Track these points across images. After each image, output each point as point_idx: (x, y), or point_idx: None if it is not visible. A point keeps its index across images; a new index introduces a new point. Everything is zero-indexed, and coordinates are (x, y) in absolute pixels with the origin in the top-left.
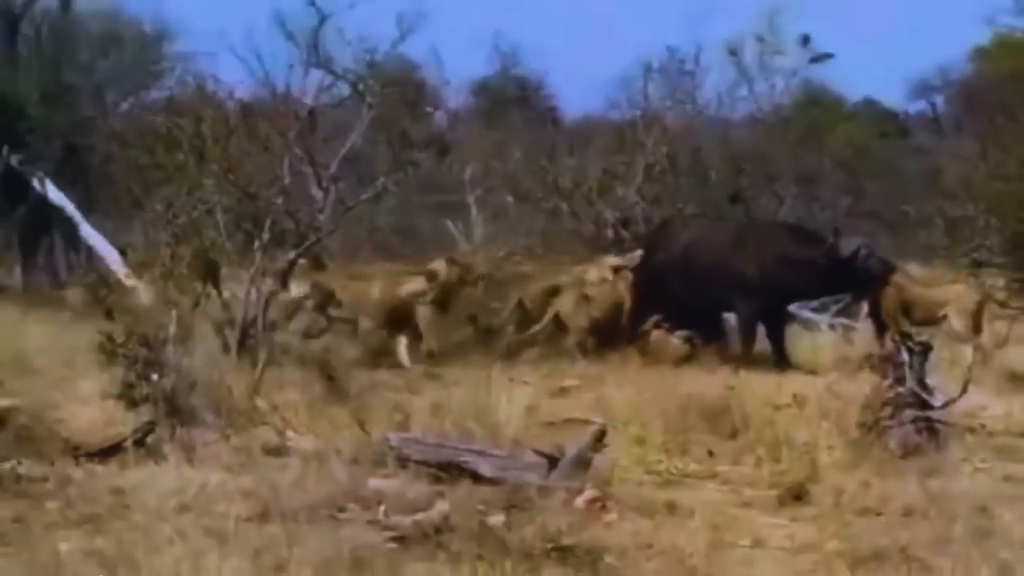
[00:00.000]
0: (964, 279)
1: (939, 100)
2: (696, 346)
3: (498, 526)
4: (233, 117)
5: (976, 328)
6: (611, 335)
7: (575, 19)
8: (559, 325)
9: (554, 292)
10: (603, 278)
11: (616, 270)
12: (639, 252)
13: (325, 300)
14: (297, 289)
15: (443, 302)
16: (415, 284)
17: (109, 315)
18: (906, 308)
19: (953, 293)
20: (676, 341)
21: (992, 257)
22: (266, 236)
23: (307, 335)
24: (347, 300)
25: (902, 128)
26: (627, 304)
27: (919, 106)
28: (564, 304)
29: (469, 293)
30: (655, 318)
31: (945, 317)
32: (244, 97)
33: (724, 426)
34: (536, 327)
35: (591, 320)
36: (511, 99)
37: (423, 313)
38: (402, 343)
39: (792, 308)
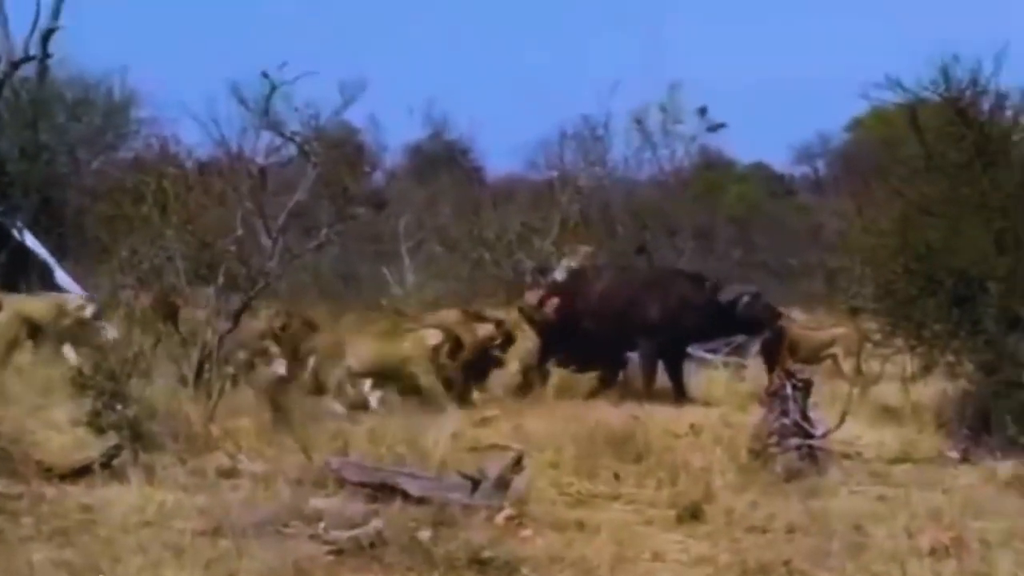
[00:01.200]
0: (845, 323)
1: (820, 164)
2: (607, 383)
3: (426, 541)
4: (192, 174)
5: (858, 367)
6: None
7: (498, 90)
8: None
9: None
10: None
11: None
12: (554, 298)
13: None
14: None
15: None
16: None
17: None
18: (792, 348)
19: (835, 335)
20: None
21: (867, 303)
22: (220, 280)
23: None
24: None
25: (788, 188)
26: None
27: (803, 169)
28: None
29: None
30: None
31: (832, 356)
32: (202, 157)
33: (629, 452)
34: None
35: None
36: (441, 160)
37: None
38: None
39: (690, 348)
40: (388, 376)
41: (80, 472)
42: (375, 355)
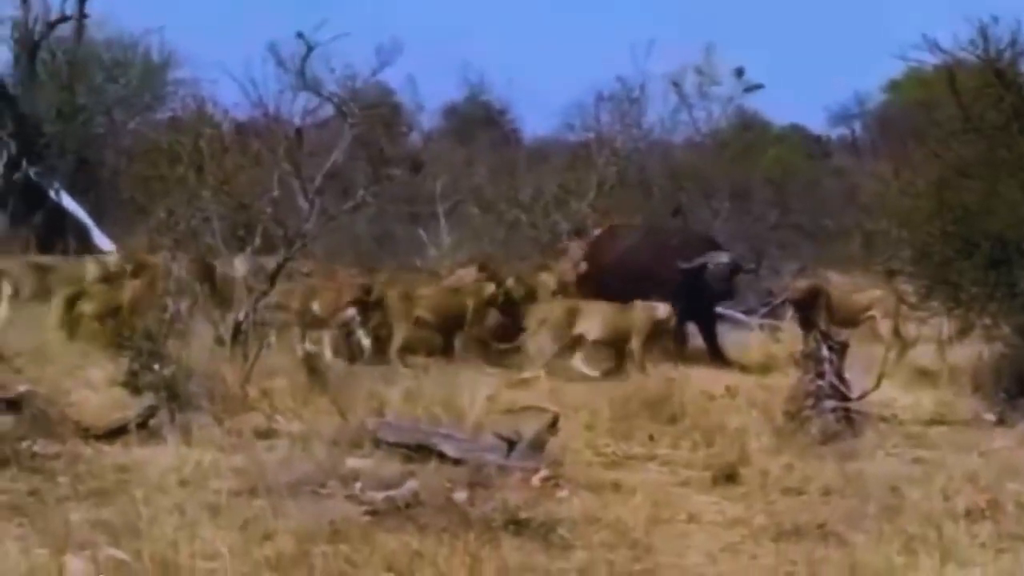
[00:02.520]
0: (882, 285)
1: (857, 126)
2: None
3: (462, 501)
4: (228, 135)
5: (896, 330)
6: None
7: (535, 51)
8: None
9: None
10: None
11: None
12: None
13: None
14: None
15: None
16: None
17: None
18: (831, 311)
19: (874, 297)
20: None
21: (903, 266)
22: (257, 242)
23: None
24: None
25: (824, 150)
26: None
27: (839, 131)
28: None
29: None
30: None
31: (870, 319)
32: (239, 118)
33: (664, 414)
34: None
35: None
36: (478, 122)
37: None
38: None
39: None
40: (615, 344)
41: (117, 432)
42: (608, 323)
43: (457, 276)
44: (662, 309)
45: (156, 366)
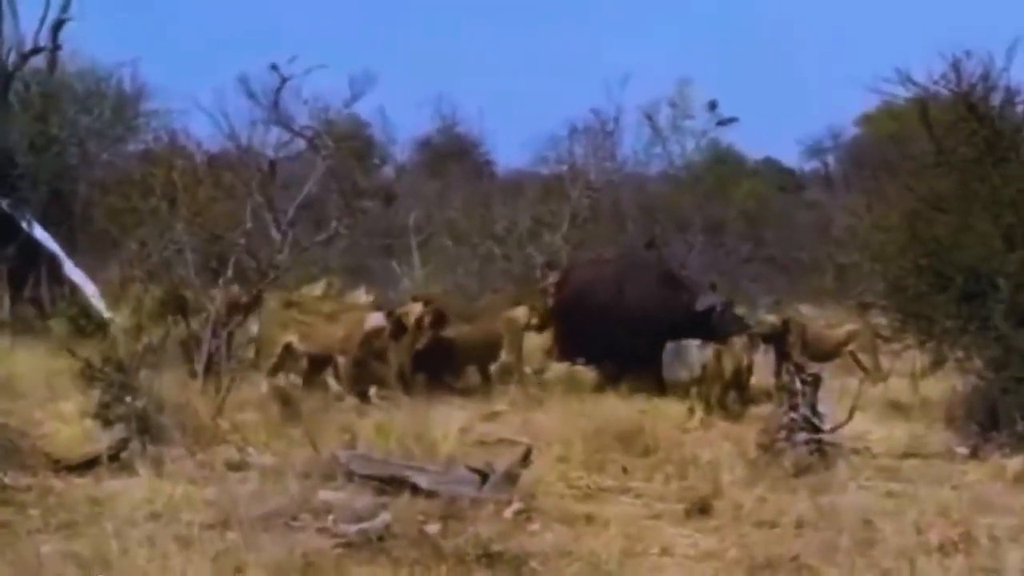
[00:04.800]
0: (858, 319)
1: (830, 159)
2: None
3: (434, 534)
4: (201, 167)
5: (875, 363)
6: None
7: (509, 83)
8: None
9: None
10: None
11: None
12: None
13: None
14: None
15: None
16: None
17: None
18: (810, 345)
19: (852, 331)
20: None
21: (876, 299)
22: (230, 274)
23: None
24: None
25: (797, 184)
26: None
27: (813, 164)
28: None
29: None
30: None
31: (851, 353)
32: (212, 150)
33: (637, 446)
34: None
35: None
36: (451, 154)
37: None
38: None
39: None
40: None
41: (88, 464)
42: None
43: (405, 310)
44: None
45: (128, 398)
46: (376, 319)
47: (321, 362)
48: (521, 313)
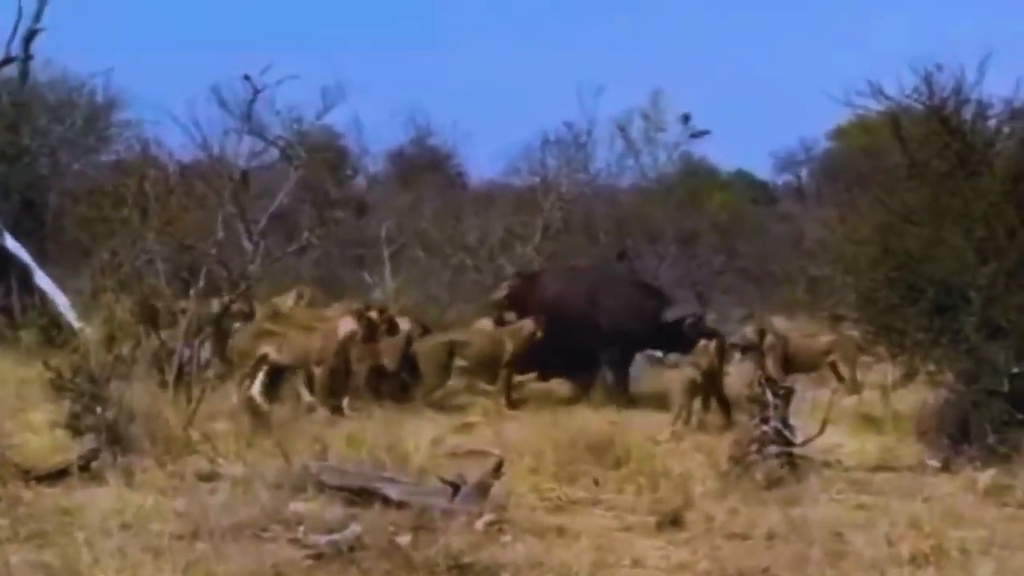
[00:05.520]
0: (837, 331)
1: (803, 172)
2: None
3: (405, 546)
4: (173, 177)
5: (853, 375)
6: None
7: (482, 95)
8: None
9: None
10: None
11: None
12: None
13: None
14: None
15: None
16: None
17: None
18: (791, 357)
19: (832, 342)
20: None
21: (848, 312)
22: (201, 284)
23: None
24: None
25: (770, 196)
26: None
27: (785, 177)
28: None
29: None
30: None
31: (831, 364)
32: (183, 160)
33: (609, 458)
34: None
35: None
36: (424, 165)
37: None
38: None
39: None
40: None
41: (58, 474)
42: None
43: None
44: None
45: (98, 408)
46: (348, 324)
47: (281, 372)
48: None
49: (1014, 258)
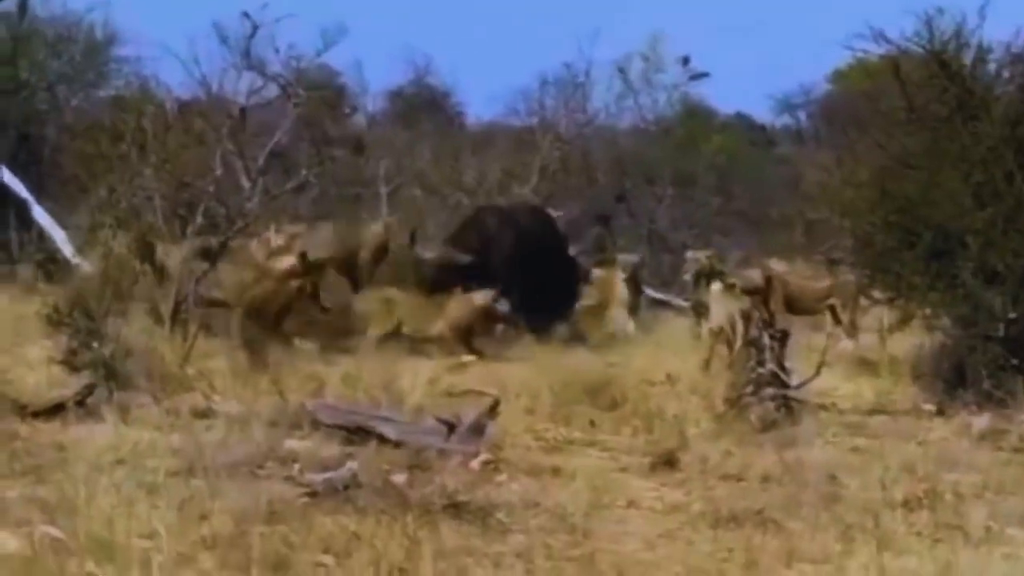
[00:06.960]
0: (837, 275)
1: (802, 115)
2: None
3: (401, 484)
4: (172, 114)
5: (852, 317)
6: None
7: (481, 35)
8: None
9: None
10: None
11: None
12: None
13: None
14: None
15: None
16: None
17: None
18: (789, 301)
19: (832, 285)
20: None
21: (845, 255)
22: (199, 221)
23: None
24: None
25: (768, 139)
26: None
27: (784, 120)
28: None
29: None
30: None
31: (830, 307)
32: (182, 96)
33: (604, 399)
34: None
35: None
36: (423, 105)
37: None
38: None
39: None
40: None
41: (54, 410)
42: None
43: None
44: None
45: (94, 344)
46: (287, 261)
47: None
48: None
49: (1011, 203)
